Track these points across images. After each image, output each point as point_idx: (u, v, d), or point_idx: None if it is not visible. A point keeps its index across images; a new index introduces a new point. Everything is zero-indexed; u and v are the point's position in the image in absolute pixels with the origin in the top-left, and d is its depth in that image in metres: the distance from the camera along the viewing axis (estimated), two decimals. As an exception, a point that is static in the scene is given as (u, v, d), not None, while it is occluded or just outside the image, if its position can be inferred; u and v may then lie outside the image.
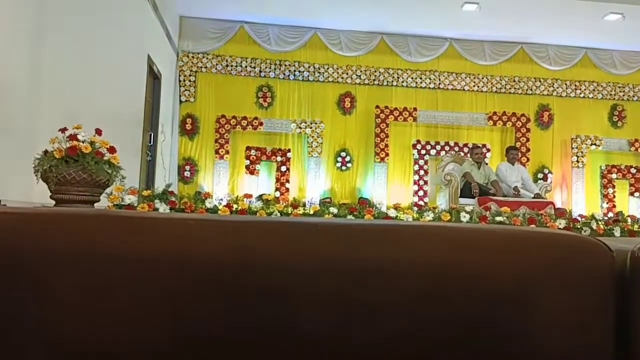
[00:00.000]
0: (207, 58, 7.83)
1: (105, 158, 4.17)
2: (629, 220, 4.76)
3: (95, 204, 4.26)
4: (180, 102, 7.77)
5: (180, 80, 7.76)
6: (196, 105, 7.81)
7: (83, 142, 4.09)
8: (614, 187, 8.08)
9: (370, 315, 0.66)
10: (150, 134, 6.62)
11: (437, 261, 0.70)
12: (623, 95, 8.37)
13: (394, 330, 0.67)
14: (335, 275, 0.67)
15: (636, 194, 8.05)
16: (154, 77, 6.67)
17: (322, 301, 0.65)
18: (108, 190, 4.27)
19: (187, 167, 7.65)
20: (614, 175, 8.10)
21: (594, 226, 4.52)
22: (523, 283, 0.72)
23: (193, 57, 7.81)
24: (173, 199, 4.18)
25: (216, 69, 7.85)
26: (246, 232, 0.70)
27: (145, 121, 6.19)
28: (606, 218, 4.75)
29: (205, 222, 0.72)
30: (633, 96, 8.37)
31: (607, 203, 8.02)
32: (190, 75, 7.79)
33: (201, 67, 7.82)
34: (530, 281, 0.72)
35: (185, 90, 7.77)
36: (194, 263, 0.65)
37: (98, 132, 4.24)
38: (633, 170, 8.13)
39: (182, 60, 7.77)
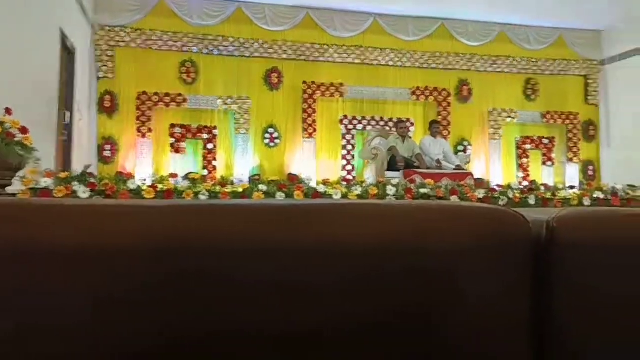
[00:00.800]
0: (125, 32, 7.45)
1: (16, 139, 3.91)
2: (543, 188, 5.08)
3: (7, 188, 4.00)
4: (98, 78, 7.38)
5: (96, 56, 7.35)
6: (115, 81, 7.44)
7: (-9, 123, 3.80)
8: (528, 157, 8.57)
9: (310, 297, 0.67)
10: (66, 113, 6.25)
11: (372, 240, 0.71)
12: (536, 70, 8.82)
13: (334, 312, 0.67)
14: (271, 258, 0.67)
15: (548, 163, 8.59)
16: (67, 52, 6.28)
17: (260, 285, 0.65)
18: (21, 173, 4.02)
19: (107, 147, 7.32)
20: (527, 146, 8.58)
21: (511, 195, 4.78)
22: (452, 256, 0.75)
23: (110, 30, 7.41)
24: (93, 180, 3.99)
25: (135, 43, 7.50)
26: (179, 216, 0.68)
27: (60, 99, 5.84)
28: (522, 187, 5.03)
29: (132, 207, 0.69)
30: (545, 70, 8.84)
31: (522, 172, 8.50)
32: (107, 50, 7.39)
33: (119, 42, 7.43)
34: (459, 254, 0.75)
35: (103, 65, 7.37)
36: (124, 252, 0.63)
37: (8, 111, 3.95)
38: (545, 141, 8.64)
39: (98, 35, 7.34)
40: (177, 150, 7.43)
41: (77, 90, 6.51)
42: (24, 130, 3.92)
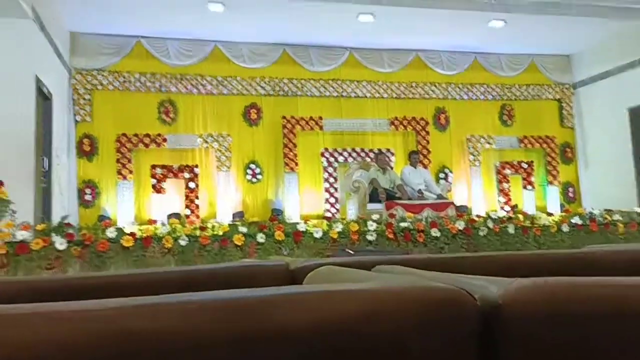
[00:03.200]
0: (102, 75, 7.49)
1: (-9, 193, 3.88)
2: (521, 217, 5.12)
3: (-17, 243, 3.95)
4: (76, 122, 7.37)
5: (74, 99, 7.36)
6: (93, 125, 7.44)
7: (-36, 178, 3.77)
8: (508, 182, 8.66)
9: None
10: (44, 159, 6.22)
11: (315, 327, 0.72)
12: (511, 96, 8.99)
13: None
14: (209, 354, 0.66)
15: (528, 187, 8.68)
16: (44, 98, 6.28)
17: None
18: (-3, 226, 3.97)
19: (88, 190, 7.27)
20: (507, 171, 8.69)
21: (490, 225, 4.82)
22: (392, 341, 0.75)
23: (87, 74, 7.44)
24: (71, 231, 3.95)
25: (113, 85, 7.53)
26: (118, 318, 0.67)
27: (37, 146, 5.81)
28: (501, 216, 5.08)
29: (73, 313, 0.68)
30: (519, 96, 9.02)
31: (503, 197, 8.58)
32: (84, 94, 7.41)
33: (96, 85, 7.46)
34: (399, 339, 0.75)
35: (81, 109, 7.38)
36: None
37: (-19, 165, 3.93)
38: (524, 165, 8.76)
39: (75, 79, 7.37)
40: (158, 190, 7.40)
41: (55, 135, 6.50)
42: (-2, 184, 3.90)
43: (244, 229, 4.30)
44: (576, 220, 5.18)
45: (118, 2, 6.38)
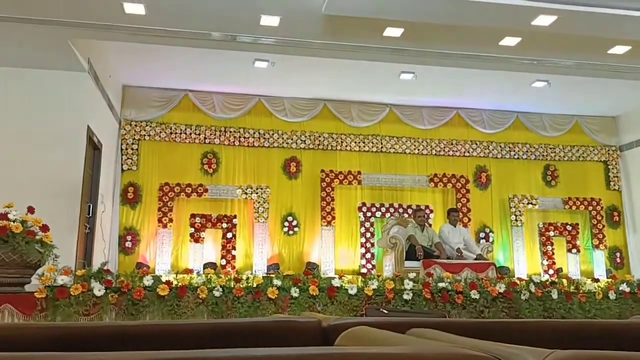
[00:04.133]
0: (150, 126, 7.79)
1: (37, 237, 4.01)
2: (565, 281, 4.92)
3: (26, 286, 4.05)
4: (122, 170, 7.63)
5: (122, 149, 7.65)
6: (139, 173, 7.69)
7: (14, 222, 3.92)
8: (552, 244, 8.37)
9: None
10: (89, 205, 6.43)
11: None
12: (555, 156, 8.83)
13: None
14: None
15: (573, 250, 8.37)
16: (94, 148, 6.55)
17: None
18: (40, 270, 4.08)
19: (129, 237, 7.42)
20: (551, 233, 8.42)
21: (532, 289, 4.63)
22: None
23: (136, 125, 7.76)
24: (109, 277, 4.02)
25: (160, 136, 7.81)
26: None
27: (83, 192, 6.02)
28: (544, 279, 4.88)
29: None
30: (564, 156, 8.85)
31: (547, 260, 8.28)
32: (132, 144, 7.70)
33: (144, 135, 7.76)
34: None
35: (128, 158, 7.65)
36: None
37: (30, 210, 4.09)
38: (569, 228, 8.48)
39: (124, 129, 7.69)
40: (196, 240, 7.49)
41: (101, 182, 6.73)
42: (44, 229, 4.03)
43: (278, 282, 4.27)
44: (624, 287, 4.93)
45: (168, 57, 6.71)
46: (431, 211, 8.15)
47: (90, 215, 6.44)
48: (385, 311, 3.87)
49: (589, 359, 0.82)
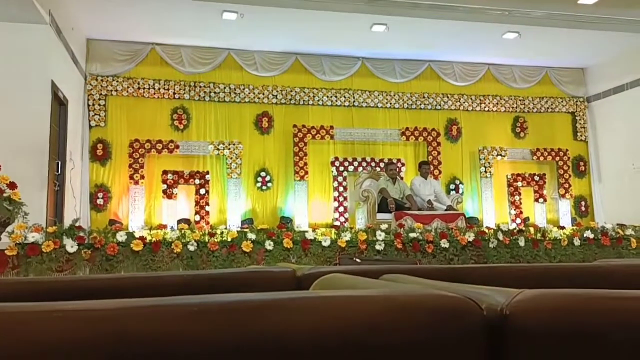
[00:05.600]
0: (117, 81, 7.57)
1: (5, 194, 3.92)
2: (532, 229, 5.08)
3: (-5, 244, 3.99)
4: (90, 127, 7.45)
5: (89, 105, 7.44)
6: (107, 129, 7.52)
7: (-22, 179, 3.82)
8: (520, 194, 8.59)
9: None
10: (58, 162, 6.29)
11: (316, 335, 0.71)
12: (524, 108, 8.94)
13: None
14: (215, 357, 0.66)
15: (540, 200, 8.60)
16: (59, 104, 6.36)
17: None
18: (9, 228, 4.01)
19: (100, 194, 7.33)
20: (519, 184, 8.62)
21: (500, 237, 4.78)
22: (398, 348, 0.74)
23: (102, 80, 7.53)
24: (81, 234, 3.98)
25: (127, 92, 7.61)
26: (122, 319, 0.67)
27: (51, 150, 5.88)
28: (511, 228, 5.04)
29: (75, 313, 0.68)
30: (533, 108, 8.97)
31: (514, 210, 8.51)
32: (99, 99, 7.49)
33: (111, 91, 7.55)
34: (405, 346, 0.74)
35: (95, 114, 7.46)
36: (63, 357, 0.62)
37: (-5, 167, 3.98)
38: (536, 178, 8.68)
39: (90, 84, 7.46)
40: (169, 196, 7.44)
41: (69, 139, 6.57)
42: (12, 186, 3.94)
43: (252, 236, 4.31)
44: (588, 234, 5.13)
45: (134, 10, 6.47)
46: (403, 164, 8.23)
47: (60, 172, 6.31)
48: (359, 260, 3.96)
49: (555, 296, 0.85)
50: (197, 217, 7.45)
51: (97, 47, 7.53)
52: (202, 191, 7.58)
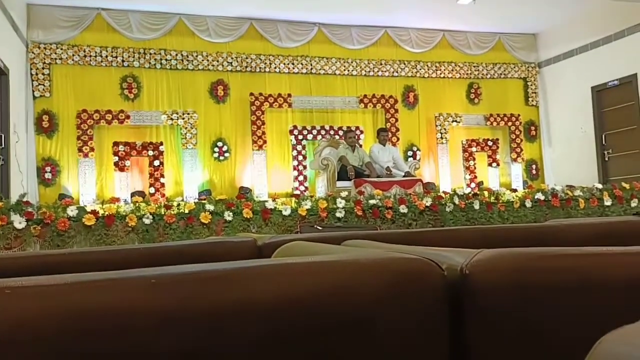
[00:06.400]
0: (61, 49, 7.21)
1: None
2: (486, 193, 5.21)
3: (-64, 223, 3.79)
4: (34, 97, 7.10)
5: (32, 74, 7.08)
6: (52, 100, 7.18)
7: None
8: (474, 159, 8.78)
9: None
10: (1, 136, 6.00)
11: (284, 300, 0.70)
12: (478, 74, 9.07)
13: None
14: (176, 329, 0.64)
15: (494, 164, 8.83)
16: (0, 73, 6.03)
17: (172, 356, 0.63)
18: (-49, 205, 3.82)
19: (48, 168, 7.04)
20: (473, 149, 8.80)
21: (456, 201, 4.88)
22: (362, 311, 0.74)
23: (45, 48, 7.15)
24: (30, 209, 3.83)
25: (73, 60, 7.26)
26: (75, 293, 0.64)
27: (-8, 122, 5.59)
28: (467, 192, 5.16)
29: (26, 289, 0.64)
30: (486, 74, 9.11)
31: (469, 175, 8.71)
32: (43, 68, 7.13)
33: (55, 59, 7.18)
34: (369, 309, 0.75)
35: (39, 84, 7.10)
36: (19, 337, 0.58)
37: None
38: (490, 143, 8.89)
39: (32, 52, 7.08)
40: (121, 168, 7.23)
41: (12, 111, 6.26)
42: (-50, 161, 3.73)
43: (210, 207, 4.24)
44: (539, 196, 5.30)
45: (76, -29, 6.13)
46: (361, 132, 8.25)
47: (3, 146, 6.02)
48: (319, 227, 3.97)
49: (513, 255, 0.87)
50: (152, 190, 7.29)
51: (38, 12, 7.12)
52: (157, 163, 7.40)
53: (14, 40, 6.58)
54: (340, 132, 8.01)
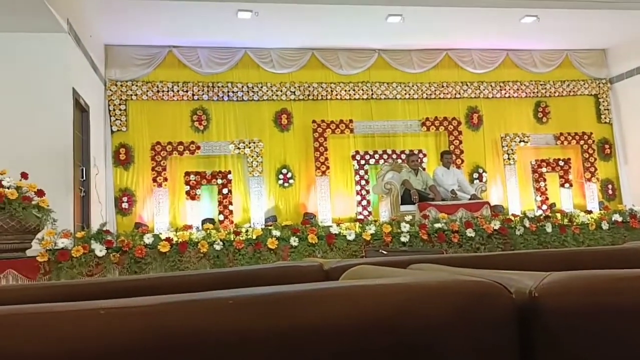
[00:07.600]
0: (136, 85, 7.67)
1: (33, 202, 4.01)
2: (559, 215, 5.01)
3: (27, 251, 4.08)
4: (112, 132, 7.57)
5: (110, 110, 7.56)
6: (129, 134, 7.62)
7: (8, 188, 3.91)
8: (545, 180, 8.46)
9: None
10: (82, 169, 6.40)
11: (352, 322, 0.72)
12: (545, 92, 8.80)
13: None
14: (253, 346, 0.67)
15: (566, 185, 8.47)
16: (81, 110, 6.47)
17: None
18: (39, 235, 4.11)
19: (125, 198, 7.44)
20: (543, 169, 8.49)
21: (527, 224, 4.72)
22: (430, 334, 0.74)
23: (122, 85, 7.64)
24: (109, 238, 4.05)
25: (147, 95, 7.70)
26: (161, 314, 0.69)
27: (75, 156, 5.99)
28: (537, 214, 4.97)
29: (118, 310, 0.70)
30: (554, 92, 8.82)
31: (540, 196, 8.39)
32: (120, 105, 7.60)
33: (131, 95, 7.65)
34: (436, 331, 0.75)
35: (116, 119, 7.57)
36: (113, 354, 0.63)
37: (24, 175, 4.08)
38: (561, 163, 8.55)
39: (110, 90, 7.57)
40: (192, 197, 7.52)
41: (92, 145, 6.68)
42: (40, 193, 4.03)
43: (277, 233, 4.33)
44: (616, 217, 5.04)
45: (149, 13, 6.53)
46: (424, 155, 8.18)
47: (84, 178, 6.42)
48: (385, 252, 3.95)
49: (584, 277, 0.85)
50: (221, 217, 7.52)
51: (115, 52, 7.64)
52: (225, 191, 7.65)
53: (93, 80, 7.06)
54: (403, 156, 7.98)
